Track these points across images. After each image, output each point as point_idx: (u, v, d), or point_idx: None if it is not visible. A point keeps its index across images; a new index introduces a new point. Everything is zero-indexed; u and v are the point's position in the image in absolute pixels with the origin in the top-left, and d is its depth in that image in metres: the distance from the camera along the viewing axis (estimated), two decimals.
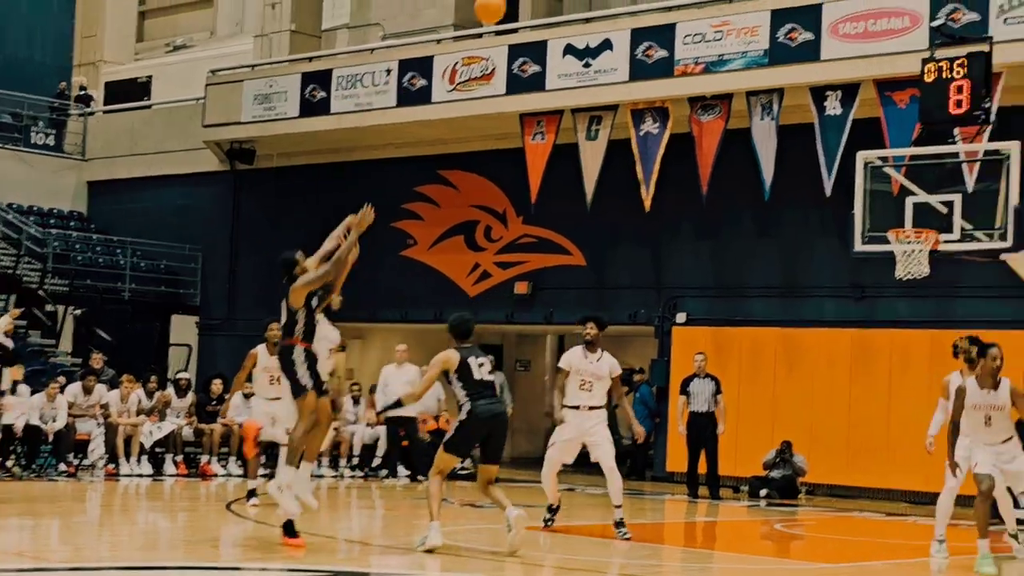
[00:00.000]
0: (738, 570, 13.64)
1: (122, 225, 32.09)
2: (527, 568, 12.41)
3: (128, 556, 12.73)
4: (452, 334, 13.80)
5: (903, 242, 18.40)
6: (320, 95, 28.46)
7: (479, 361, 13.49)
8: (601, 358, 15.52)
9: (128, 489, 19.88)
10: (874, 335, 22.76)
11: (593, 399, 15.47)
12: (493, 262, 27.72)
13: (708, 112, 23.64)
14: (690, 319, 25.00)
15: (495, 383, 13.72)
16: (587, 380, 15.44)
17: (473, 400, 13.29)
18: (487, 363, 13.63)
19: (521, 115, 25.56)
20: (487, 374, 13.50)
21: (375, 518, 18.33)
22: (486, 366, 13.56)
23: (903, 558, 15.30)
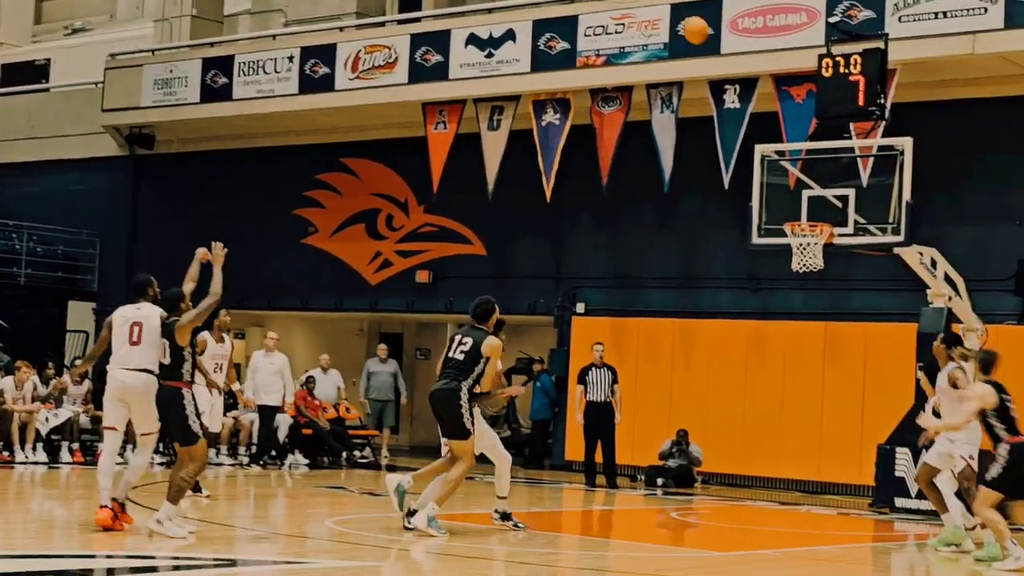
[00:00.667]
0: (635, 558, 13.78)
1: (19, 209, 31.69)
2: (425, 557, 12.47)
3: (22, 544, 12.66)
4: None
5: (798, 235, 18.66)
6: (222, 81, 28.30)
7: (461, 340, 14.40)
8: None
9: (23, 477, 19.71)
10: (769, 326, 23.03)
11: None
12: (394, 251, 27.74)
13: (609, 104, 23.80)
14: (589, 309, 25.17)
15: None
16: None
17: None
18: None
19: (424, 104, 25.58)
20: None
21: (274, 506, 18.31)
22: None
23: (796, 546, 15.52)
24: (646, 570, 12.71)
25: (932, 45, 20.60)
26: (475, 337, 14.29)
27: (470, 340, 14.26)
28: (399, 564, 11.96)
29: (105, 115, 30.32)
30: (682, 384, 23.60)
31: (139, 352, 13.31)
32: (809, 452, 22.21)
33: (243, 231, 29.19)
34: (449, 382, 14.19)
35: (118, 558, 11.96)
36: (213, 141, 29.84)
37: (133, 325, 13.53)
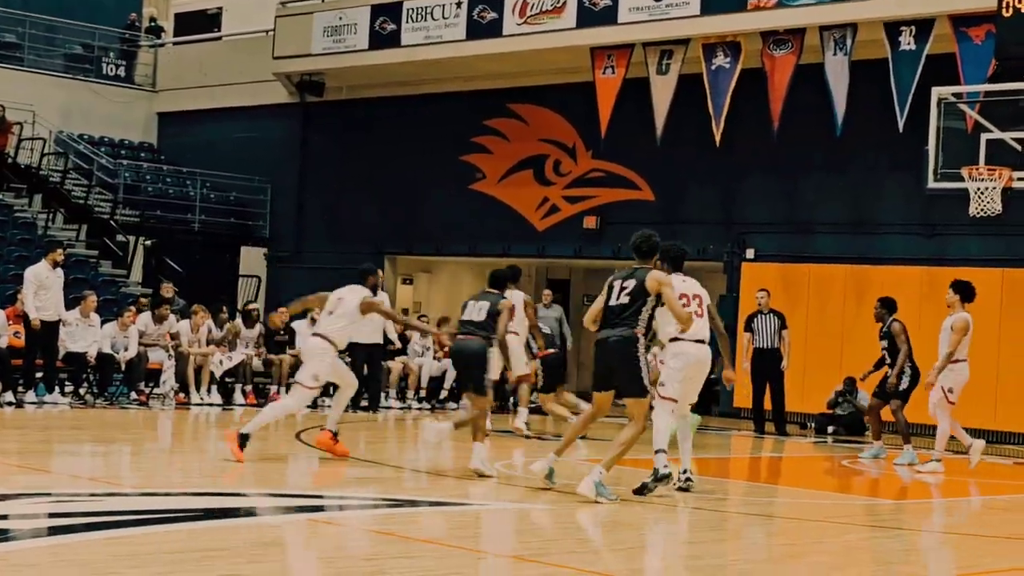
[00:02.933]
0: (802, 504, 13.62)
1: (192, 156, 32.24)
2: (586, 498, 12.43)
3: (198, 483, 12.87)
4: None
5: (976, 179, 18.28)
6: (390, 27, 28.43)
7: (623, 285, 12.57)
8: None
9: (198, 418, 20.06)
10: (945, 273, 22.53)
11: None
12: (562, 196, 27.68)
13: (780, 47, 23.44)
14: (759, 255, 24.91)
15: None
16: None
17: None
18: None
19: (592, 49, 25.45)
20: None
21: (442, 449, 18.41)
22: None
23: (967, 496, 15.24)
24: (814, 516, 12.55)
25: None
26: (638, 276, 12.49)
27: (632, 281, 12.48)
28: (567, 506, 11.93)
29: (276, 63, 30.64)
30: (853, 331, 23.25)
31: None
32: (984, 400, 21.74)
33: (411, 177, 29.43)
34: (624, 330, 12.43)
35: (285, 496, 12.11)
36: (381, 88, 30.01)
37: (338, 299, 15.00)
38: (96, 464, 14.38)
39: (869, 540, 11.38)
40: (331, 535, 10.12)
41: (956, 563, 10.47)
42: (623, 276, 12.63)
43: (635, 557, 9.52)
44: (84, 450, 15.50)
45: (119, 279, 27.96)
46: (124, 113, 33.46)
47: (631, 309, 12.45)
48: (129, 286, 27.77)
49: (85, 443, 16.11)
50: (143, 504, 10.89)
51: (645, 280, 12.44)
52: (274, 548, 9.38)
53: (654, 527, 11.11)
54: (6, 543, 8.75)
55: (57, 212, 29.60)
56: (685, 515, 12.22)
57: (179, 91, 33.81)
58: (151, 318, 21.82)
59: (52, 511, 10.36)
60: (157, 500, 11.15)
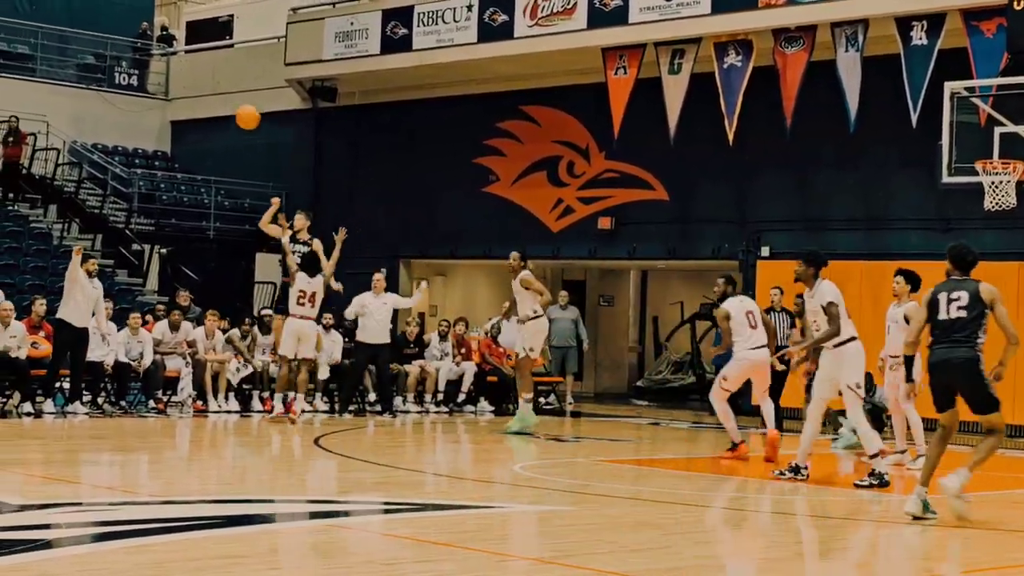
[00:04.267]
0: (826, 502, 13.61)
1: (206, 164, 32.30)
2: (608, 500, 12.44)
3: (217, 490, 12.89)
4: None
5: (990, 173, 18.24)
6: (401, 32, 28.46)
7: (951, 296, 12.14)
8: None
9: (216, 425, 20.10)
10: None
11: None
12: (576, 197, 27.69)
13: (792, 44, 23.42)
14: (774, 253, 24.87)
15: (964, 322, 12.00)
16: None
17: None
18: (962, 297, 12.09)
19: (603, 49, 25.45)
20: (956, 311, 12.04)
21: (461, 452, 18.44)
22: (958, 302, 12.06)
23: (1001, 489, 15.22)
24: (836, 513, 12.55)
25: None
26: (968, 288, 12.09)
27: (964, 293, 12.06)
28: (588, 508, 11.94)
29: (288, 69, 30.69)
30: (870, 327, 23.16)
31: None
32: (1002, 395, 21.63)
33: (424, 181, 29.45)
34: (967, 350, 11.96)
35: (302, 503, 12.13)
36: (394, 92, 30.03)
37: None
38: (115, 473, 14.42)
39: (892, 536, 11.36)
40: (351, 540, 10.14)
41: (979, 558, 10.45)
42: (948, 288, 12.27)
43: (656, 558, 9.52)
44: (103, 459, 15.54)
45: (135, 288, 28.02)
46: (137, 122, 33.52)
47: (969, 322, 12.04)
48: (145, 295, 27.83)
49: (103, 452, 16.15)
50: (164, 512, 10.92)
51: (980, 292, 12.10)
52: (294, 554, 9.40)
53: (675, 528, 11.11)
54: (38, 552, 8.79)
55: (72, 222, 29.68)
56: (707, 514, 12.22)
57: (192, 99, 33.87)
58: (167, 326, 21.86)
59: (79, 521, 10.39)
60: (178, 508, 11.18)
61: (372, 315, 22.13)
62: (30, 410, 19.64)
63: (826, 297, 14.09)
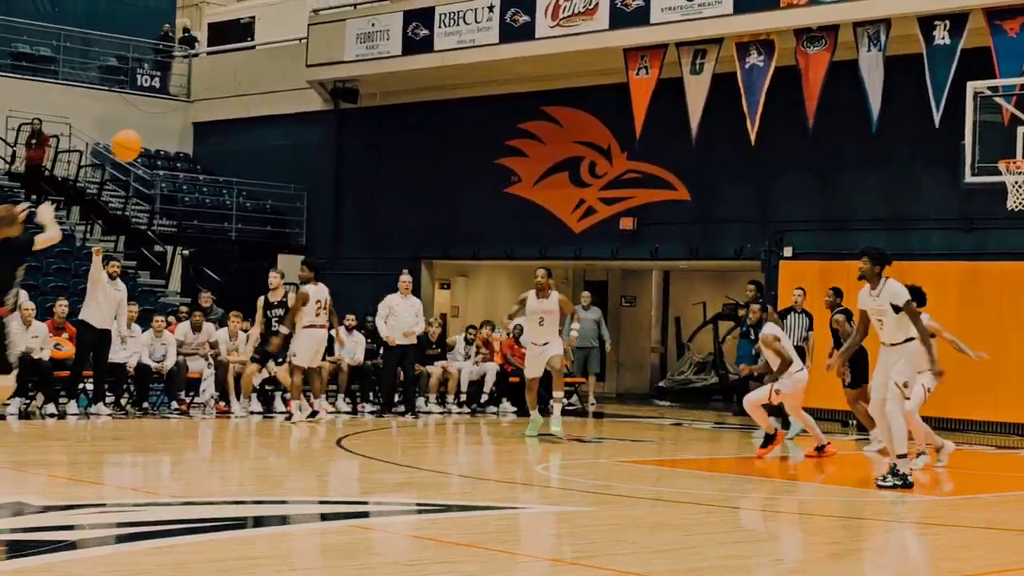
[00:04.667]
0: (844, 502, 13.59)
1: (228, 165, 32.38)
2: (629, 500, 12.43)
3: (239, 491, 12.91)
4: None
5: (1014, 172, 18.20)
6: (423, 33, 28.47)
7: None
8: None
9: (239, 426, 20.12)
10: (984, 267, 22.49)
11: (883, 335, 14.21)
12: (598, 198, 27.67)
13: (814, 44, 23.38)
14: (797, 253, 24.83)
15: None
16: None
17: None
18: None
19: (625, 50, 25.43)
20: None
21: (483, 453, 18.44)
22: None
23: (1014, 490, 15.17)
24: (858, 513, 12.51)
25: None
26: None
27: None
28: (610, 509, 11.92)
29: (309, 70, 30.73)
30: None
31: None
32: (983, 393, 21.66)
33: (446, 182, 29.48)
34: None
35: (324, 503, 12.13)
36: (415, 93, 30.05)
37: None
38: (137, 474, 14.46)
39: (913, 538, 11.33)
40: (373, 541, 10.14)
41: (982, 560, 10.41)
42: None
43: (678, 559, 9.50)
44: (125, 460, 15.59)
45: (158, 289, 28.09)
46: (160, 124, 33.58)
47: None
48: (168, 296, 27.90)
49: (126, 453, 16.20)
50: (187, 513, 10.93)
51: None
52: (315, 555, 9.41)
53: (696, 529, 11.09)
54: (63, 553, 8.81)
55: (95, 223, 29.77)
56: (729, 515, 12.19)
57: (214, 100, 33.96)
58: (189, 327, 21.90)
59: (103, 522, 10.41)
60: (200, 509, 11.19)
61: (399, 316, 22.14)
62: (53, 411, 19.72)
63: (902, 296, 13.92)
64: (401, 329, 22.08)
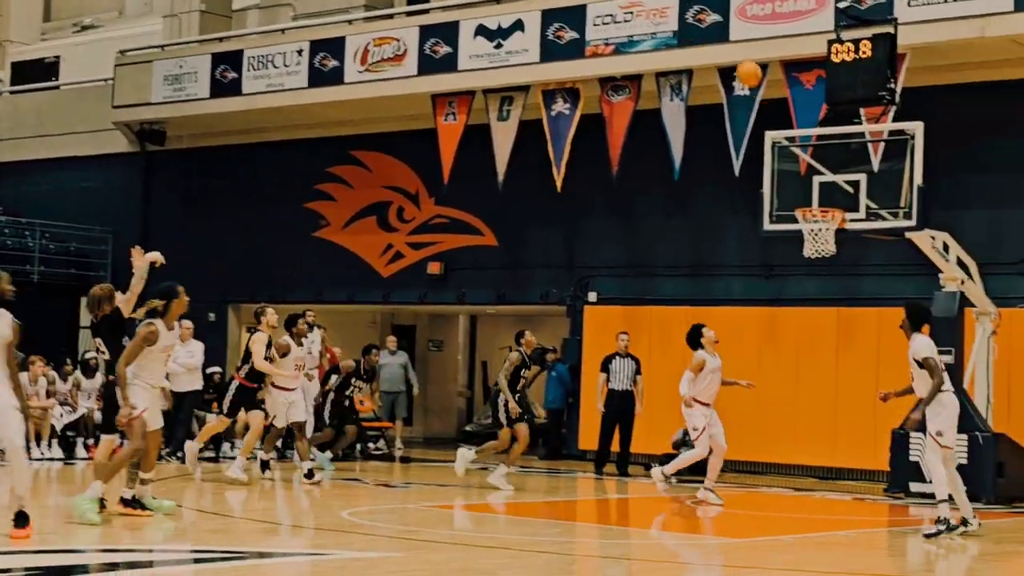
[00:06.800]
0: (651, 545, 13.80)
1: (30, 207, 31.78)
2: (435, 545, 12.50)
3: (39, 541, 12.67)
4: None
5: (810, 221, 18.65)
6: (231, 76, 28.35)
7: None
8: None
9: (39, 473, 19.74)
10: (782, 313, 23.02)
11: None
12: (406, 243, 27.76)
13: (618, 93, 23.79)
14: (602, 298, 25.16)
15: None
16: None
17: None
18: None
19: (433, 96, 25.60)
20: None
21: (289, 498, 18.33)
22: None
23: (812, 531, 15.53)
24: (663, 556, 12.72)
25: (942, 29, 20.54)
26: None
27: None
28: (415, 554, 11.97)
29: (116, 112, 30.40)
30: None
31: None
32: (823, 438, 22.20)
33: (255, 225, 29.33)
34: None
35: (139, 552, 11.97)
36: (224, 136, 29.89)
37: None
38: None
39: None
40: None
41: None
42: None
43: None
44: None
45: None
46: None
47: None
48: None
49: None
50: None
51: None
52: None
53: (501, 573, 11.18)
54: None
55: None
56: (532, 559, 12.31)
57: (16, 140, 33.33)
58: None
59: None
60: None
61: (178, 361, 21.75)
62: None
63: (922, 352, 14.68)
64: (182, 375, 21.89)
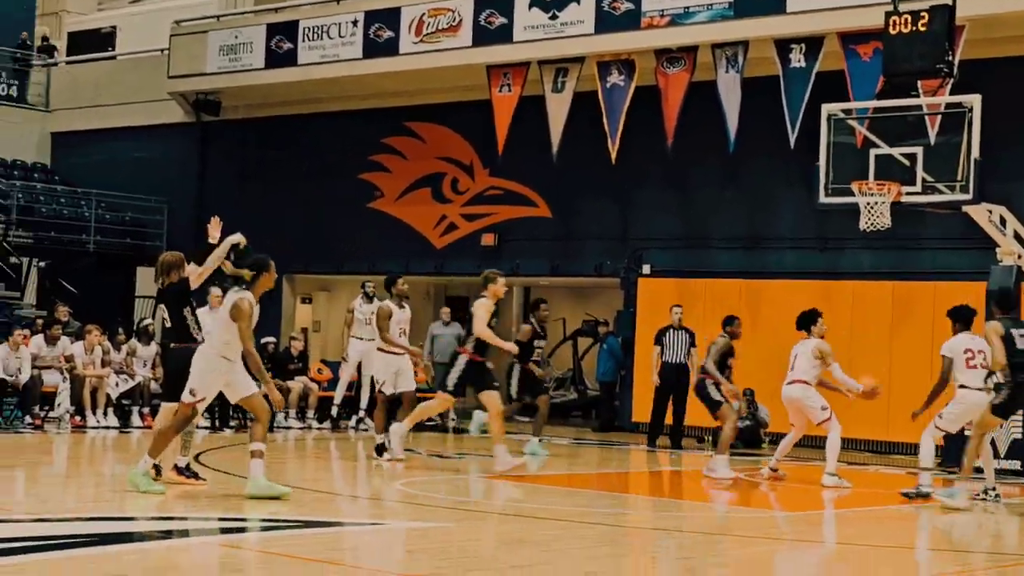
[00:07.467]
0: (704, 518, 13.78)
1: (87, 177, 31.97)
2: (489, 516, 12.52)
3: (94, 508, 12.78)
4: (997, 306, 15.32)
5: (866, 194, 18.53)
6: (286, 46, 28.39)
7: (1020, 332, 14.78)
8: None
9: (95, 441, 19.90)
10: (837, 286, 22.90)
11: None
12: (460, 214, 27.76)
13: (674, 64, 23.69)
14: (655, 270, 25.10)
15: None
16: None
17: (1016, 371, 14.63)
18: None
19: (488, 67, 25.56)
20: None
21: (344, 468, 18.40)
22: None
23: (866, 505, 15.47)
24: (716, 529, 12.70)
25: (1001, 0, 20.35)
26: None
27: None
28: (468, 524, 11.99)
29: (171, 82, 30.49)
30: (749, 345, 23.45)
31: None
32: (878, 412, 22.05)
33: (309, 196, 29.38)
34: None
35: (196, 520, 12.05)
36: (278, 107, 29.94)
37: None
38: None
39: (769, 552, 11.52)
40: (229, 558, 10.10)
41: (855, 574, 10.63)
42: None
43: (537, 574, 9.58)
44: None
45: (13, 302, 27.67)
46: (17, 133, 33.10)
47: None
48: (23, 308, 27.49)
49: None
50: (39, 530, 10.81)
51: None
52: (171, 573, 9.36)
53: (554, 544, 11.19)
54: None
55: None
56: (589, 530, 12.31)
57: (73, 111, 33.52)
58: (44, 340, 21.63)
59: None
60: (53, 526, 11.06)
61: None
62: None
63: (944, 349, 15.65)
64: None
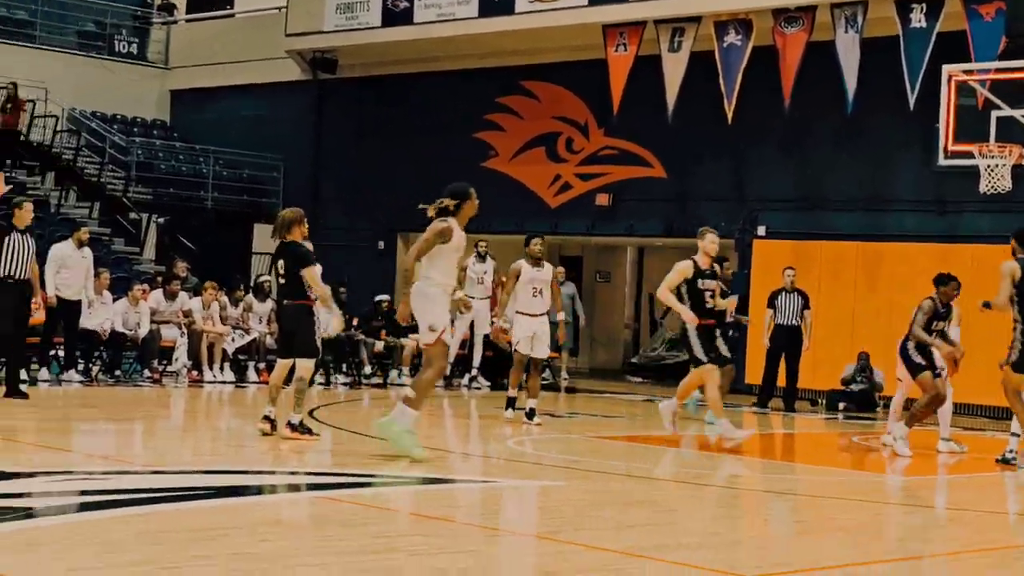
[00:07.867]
0: (818, 482, 13.68)
1: (205, 134, 32.30)
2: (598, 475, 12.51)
3: (211, 461, 12.94)
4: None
5: (987, 156, 18.28)
6: (403, 5, 28.46)
7: None
8: None
9: (211, 396, 20.15)
10: (955, 250, 22.58)
11: None
12: (574, 174, 27.72)
13: (792, 24, 23.44)
14: (771, 232, 24.92)
15: None
16: None
17: None
18: None
19: (604, 26, 25.45)
20: None
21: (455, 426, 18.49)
22: None
23: (982, 471, 15.29)
24: (830, 493, 12.61)
25: None
26: None
27: None
28: (578, 483, 11.99)
29: (288, 40, 30.67)
30: (865, 308, 23.28)
31: None
32: (996, 377, 21.71)
33: (424, 154, 29.44)
34: None
35: (295, 474, 12.15)
36: (394, 65, 30.02)
37: None
38: (108, 442, 14.45)
39: (882, 516, 11.43)
40: (343, 512, 10.17)
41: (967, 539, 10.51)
42: None
43: (650, 534, 9.57)
44: (97, 428, 15.58)
45: (132, 257, 28.05)
46: (137, 91, 33.49)
47: None
48: (142, 263, 27.87)
49: (98, 421, 16.19)
50: (157, 482, 10.96)
51: None
52: (286, 526, 9.45)
53: (670, 504, 11.17)
54: (26, 520, 8.82)
55: (70, 190, 29.70)
56: (700, 492, 12.28)
57: (192, 68, 33.85)
58: (163, 295, 21.90)
59: (69, 489, 10.43)
60: (170, 478, 11.22)
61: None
62: (25, 378, 19.67)
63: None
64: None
